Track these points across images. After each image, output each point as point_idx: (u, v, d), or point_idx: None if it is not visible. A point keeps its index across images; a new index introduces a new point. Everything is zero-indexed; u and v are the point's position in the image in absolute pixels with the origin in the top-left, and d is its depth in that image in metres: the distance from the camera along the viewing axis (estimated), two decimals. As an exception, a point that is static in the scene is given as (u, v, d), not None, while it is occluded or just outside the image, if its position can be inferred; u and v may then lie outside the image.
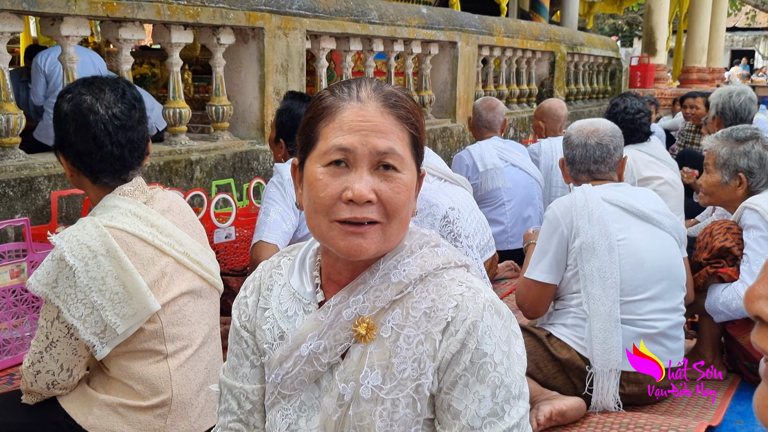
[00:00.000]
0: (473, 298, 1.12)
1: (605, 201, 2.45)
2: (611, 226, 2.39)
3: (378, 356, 1.12)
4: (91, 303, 1.65)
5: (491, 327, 1.10)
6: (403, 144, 1.12)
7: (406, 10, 5.78)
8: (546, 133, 4.73)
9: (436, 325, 1.11)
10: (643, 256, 2.39)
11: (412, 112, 1.15)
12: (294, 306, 1.22)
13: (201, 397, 1.84)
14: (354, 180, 1.08)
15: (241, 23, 4.21)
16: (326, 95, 1.16)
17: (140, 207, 1.79)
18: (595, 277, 2.36)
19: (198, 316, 1.85)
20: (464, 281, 1.15)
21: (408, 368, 1.11)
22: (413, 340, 1.11)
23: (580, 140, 2.60)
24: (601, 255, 2.36)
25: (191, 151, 4.06)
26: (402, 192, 1.11)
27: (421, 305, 1.12)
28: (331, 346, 1.15)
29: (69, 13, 3.32)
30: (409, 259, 1.16)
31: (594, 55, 9.56)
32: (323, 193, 1.09)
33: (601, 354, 2.33)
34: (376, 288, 1.14)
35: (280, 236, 2.64)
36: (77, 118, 1.72)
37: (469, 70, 6.60)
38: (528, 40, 7.65)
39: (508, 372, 1.10)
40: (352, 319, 1.14)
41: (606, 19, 27.18)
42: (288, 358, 1.17)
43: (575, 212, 2.43)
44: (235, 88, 4.54)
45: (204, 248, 1.94)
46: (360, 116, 1.10)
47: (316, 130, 1.14)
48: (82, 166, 1.77)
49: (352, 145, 1.09)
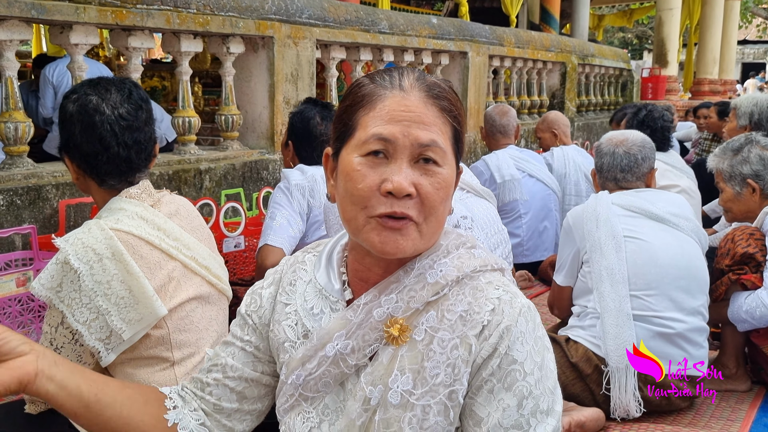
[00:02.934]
0: (510, 302, 1.07)
1: (616, 205, 2.50)
2: (618, 227, 2.44)
3: (410, 360, 1.06)
4: (96, 308, 1.59)
5: (524, 334, 1.05)
6: (446, 137, 1.07)
7: (416, 20, 5.76)
8: (560, 140, 4.67)
9: (471, 329, 1.05)
10: (657, 253, 2.40)
11: (455, 104, 1.10)
12: (320, 303, 1.16)
13: (208, 407, 1.78)
14: (393, 171, 1.03)
15: (251, 32, 4.19)
16: (366, 83, 1.10)
17: (147, 210, 1.74)
18: (603, 275, 2.39)
19: (206, 323, 1.80)
20: (501, 285, 1.10)
21: (441, 373, 1.04)
22: (448, 344, 1.05)
23: (608, 149, 2.65)
24: (608, 254, 2.40)
25: (200, 161, 4.03)
26: (442, 188, 1.05)
27: (457, 308, 1.07)
28: (360, 347, 1.09)
29: (78, 21, 3.31)
30: (446, 260, 1.10)
31: (605, 66, 9.51)
32: (361, 185, 1.04)
33: (615, 349, 2.31)
34: (411, 288, 1.08)
35: (286, 240, 2.59)
36: (83, 119, 1.68)
37: (479, 80, 6.56)
38: (539, 50, 7.61)
39: (538, 384, 1.04)
40: (383, 320, 1.08)
41: (615, 32, 27.20)
42: (312, 358, 1.11)
43: (585, 217, 2.50)
44: (245, 98, 4.51)
45: (212, 253, 1.89)
46: (402, 106, 1.05)
47: (354, 119, 1.08)
48: (88, 168, 1.73)
49: (393, 136, 1.03)
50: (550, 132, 4.73)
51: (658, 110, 3.92)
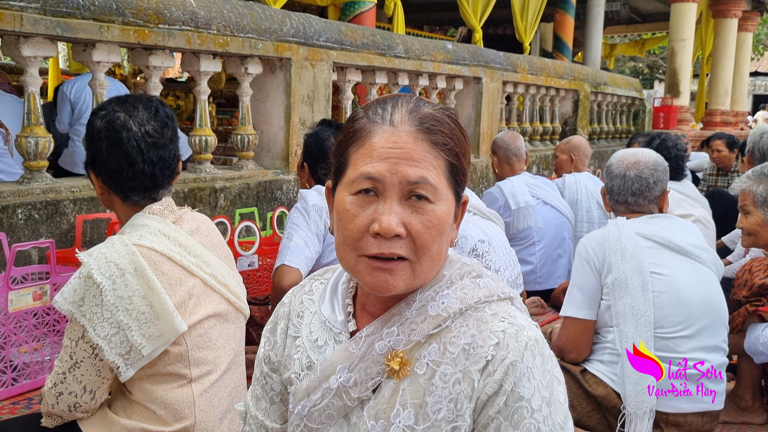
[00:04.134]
0: (515, 336, 1.04)
1: (639, 235, 2.38)
2: (645, 262, 2.32)
3: (411, 394, 1.05)
4: (117, 322, 1.60)
5: (531, 369, 1.02)
6: (438, 172, 1.04)
7: (431, 45, 5.81)
8: (575, 166, 4.67)
9: (474, 363, 1.03)
10: (683, 291, 2.30)
11: (451, 136, 1.06)
12: (324, 335, 1.15)
13: (224, 425, 1.77)
14: (382, 211, 1.01)
15: (269, 53, 4.24)
16: (360, 116, 1.09)
17: (169, 226, 1.76)
18: (627, 315, 2.28)
19: (224, 341, 1.80)
20: (507, 317, 1.07)
21: (443, 408, 1.03)
22: (450, 378, 1.03)
23: (619, 171, 2.53)
24: (634, 292, 2.28)
25: (216, 179, 4.05)
26: (434, 227, 1.03)
27: (460, 341, 1.05)
28: (362, 380, 1.07)
29: (101, 39, 3.36)
30: (449, 291, 1.08)
31: (617, 94, 9.54)
32: (350, 225, 1.03)
33: (634, 395, 2.23)
34: (412, 320, 1.07)
35: (303, 261, 2.60)
36: (110, 135, 1.70)
37: (493, 106, 6.59)
38: (552, 77, 7.65)
39: (546, 420, 1.01)
40: (385, 353, 1.07)
41: (626, 61, 27.30)
42: (316, 390, 1.11)
43: (608, 247, 2.36)
44: (261, 118, 4.55)
45: (231, 271, 1.90)
46: (390, 142, 1.02)
47: (346, 155, 1.07)
48: (113, 183, 1.75)
49: (380, 174, 1.01)
50: (568, 155, 4.73)
51: (672, 139, 3.92)
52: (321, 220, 2.71)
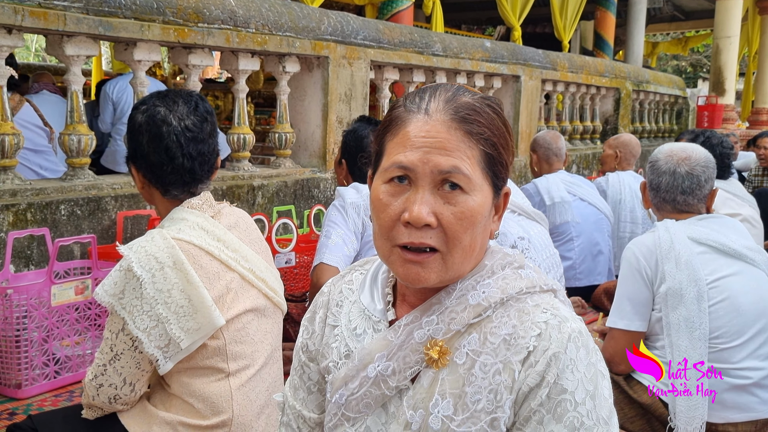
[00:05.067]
0: (558, 327, 1.01)
1: (692, 240, 2.25)
2: (700, 270, 2.19)
3: (450, 384, 1.03)
4: (156, 315, 1.61)
5: (575, 361, 0.99)
6: (472, 162, 1.01)
7: (470, 43, 5.76)
8: (619, 163, 4.58)
9: (515, 354, 1.00)
10: (739, 300, 2.19)
11: (489, 125, 1.03)
12: (363, 324, 1.14)
13: (261, 420, 1.77)
14: (413, 201, 1.00)
15: (307, 52, 4.25)
16: (399, 105, 1.08)
17: (208, 221, 1.76)
18: (681, 327, 2.16)
19: (261, 335, 1.79)
20: (549, 308, 1.04)
21: (483, 399, 1.00)
22: (490, 368, 1.01)
23: (668, 167, 2.38)
24: (689, 303, 2.16)
25: (254, 177, 4.08)
26: (465, 218, 1.00)
27: (501, 331, 1.02)
28: (401, 369, 1.06)
29: (142, 38, 3.40)
30: (490, 281, 1.06)
31: (660, 93, 9.35)
32: (383, 214, 1.03)
33: (685, 411, 2.12)
34: (452, 309, 1.05)
35: (341, 259, 2.59)
36: (151, 129, 1.71)
37: (531, 104, 6.51)
38: (592, 75, 7.53)
39: (590, 414, 0.98)
40: (424, 341, 1.05)
41: (669, 60, 26.78)
42: (354, 378, 1.09)
43: (660, 254, 2.23)
44: (299, 116, 4.57)
45: (269, 266, 1.89)
46: (423, 131, 1.01)
47: (382, 143, 1.07)
48: (153, 177, 1.76)
49: (412, 163, 1.00)
50: (614, 151, 4.64)
51: (717, 136, 3.81)
52: (359, 218, 2.70)
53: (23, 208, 3.02)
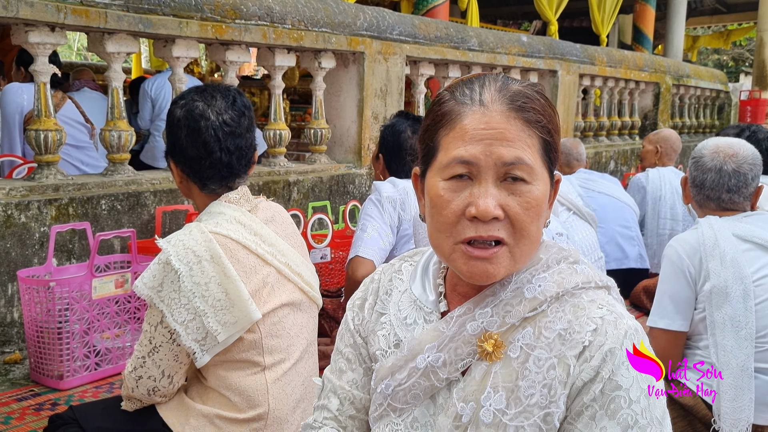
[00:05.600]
0: (614, 323, 0.99)
1: (738, 238, 2.19)
2: (746, 268, 2.14)
3: (503, 377, 1.01)
4: (194, 308, 1.62)
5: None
6: (533, 151, 1.00)
7: (506, 38, 5.70)
8: (659, 159, 4.50)
9: (571, 349, 0.99)
10: None
11: (543, 113, 1.02)
12: (414, 314, 1.14)
13: (297, 415, 1.77)
14: (478, 194, 0.98)
15: (343, 47, 4.25)
16: (446, 98, 1.05)
17: (245, 215, 1.77)
18: (727, 326, 2.11)
19: (297, 330, 1.80)
20: (605, 304, 1.02)
21: (537, 394, 0.99)
22: (544, 363, 0.99)
23: (714, 164, 2.30)
24: (735, 302, 2.11)
25: (289, 173, 4.10)
26: (532, 207, 0.99)
27: (556, 326, 1.00)
28: (452, 361, 1.05)
29: (180, 35, 3.44)
30: (546, 274, 1.04)
31: (701, 87, 9.15)
32: (445, 211, 1.00)
33: (731, 413, 2.07)
34: (507, 302, 1.03)
35: (377, 252, 2.59)
36: (189, 124, 1.73)
37: (569, 99, 6.42)
38: (631, 70, 7.40)
39: (644, 413, 0.97)
40: (477, 333, 1.03)
41: (710, 54, 26.19)
42: (402, 369, 1.08)
43: (704, 252, 2.17)
44: (334, 112, 4.57)
45: (305, 261, 1.90)
46: (483, 123, 0.99)
47: (436, 139, 1.04)
48: (191, 172, 1.77)
49: (474, 157, 0.98)
50: (654, 146, 4.57)
51: (764, 131, 3.71)
52: (395, 212, 2.69)
53: (65, 203, 3.08)
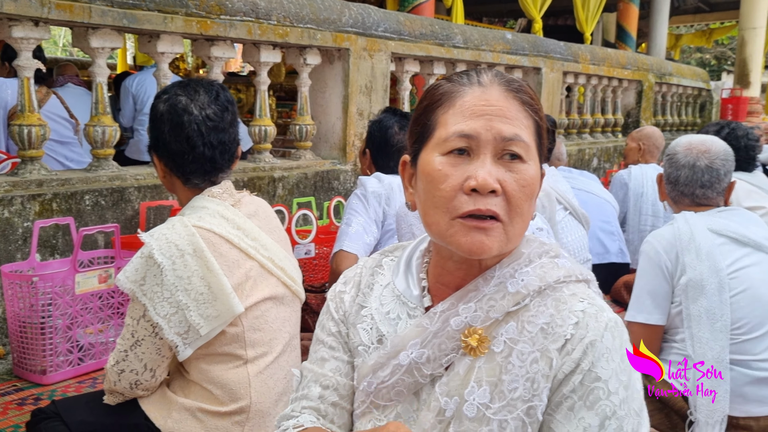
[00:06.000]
0: (595, 316, 1.01)
1: (712, 232, 2.24)
2: (721, 261, 2.19)
3: (487, 372, 1.02)
4: (176, 302, 1.63)
5: (610, 350, 0.99)
6: (529, 132, 1.03)
7: (490, 35, 5.74)
8: (642, 156, 4.54)
9: (553, 342, 1.00)
10: (759, 290, 2.17)
11: (534, 99, 1.07)
12: (397, 309, 1.13)
13: (279, 408, 1.79)
14: (477, 168, 0.99)
15: (328, 44, 4.26)
16: (443, 83, 1.08)
17: (228, 209, 1.78)
18: (702, 319, 2.15)
19: (279, 323, 1.81)
20: (586, 297, 1.04)
21: (520, 387, 1.00)
22: (527, 357, 1.01)
23: (687, 160, 2.36)
24: (711, 294, 2.15)
25: (274, 169, 4.10)
26: (527, 185, 1.01)
27: (539, 320, 1.02)
28: (435, 357, 1.05)
29: (165, 30, 3.43)
30: (528, 269, 1.06)
31: (683, 85, 9.24)
32: (444, 185, 1.01)
33: (707, 404, 2.11)
34: (490, 297, 1.04)
35: (361, 247, 2.60)
36: (172, 118, 1.73)
37: (553, 96, 6.47)
38: (614, 68, 7.46)
39: (623, 404, 0.98)
40: (460, 329, 1.04)
41: (692, 52, 26.41)
42: (384, 366, 1.08)
43: (681, 247, 2.22)
44: (319, 109, 4.58)
45: (288, 255, 1.91)
46: (483, 100, 1.02)
47: (433, 118, 1.06)
48: (174, 166, 1.78)
49: (475, 131, 1.00)
50: (637, 143, 4.61)
51: (743, 128, 3.76)
52: (380, 207, 2.71)
53: (49, 198, 3.07)
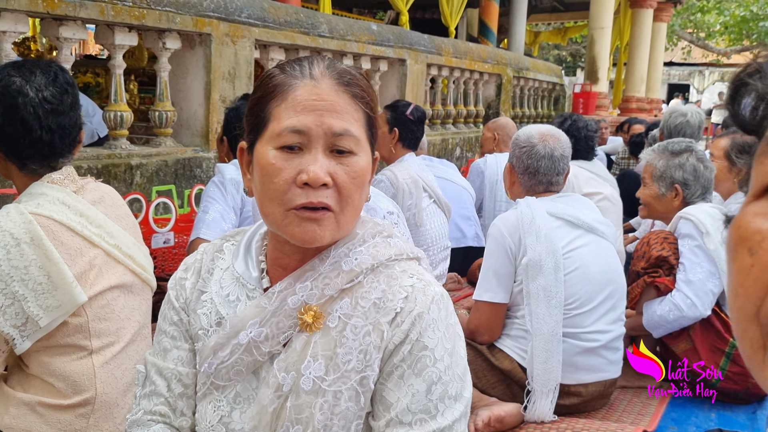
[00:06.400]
0: (423, 290, 1.08)
1: (551, 215, 2.41)
2: (557, 242, 2.36)
3: (323, 346, 1.07)
4: (12, 293, 1.56)
5: (436, 321, 1.07)
6: (359, 125, 1.07)
7: (356, 25, 5.81)
8: (497, 145, 4.77)
9: (384, 316, 1.06)
10: (589, 269, 2.37)
11: (366, 90, 1.10)
12: (237, 291, 1.16)
13: (128, 398, 1.75)
14: (309, 162, 1.03)
15: (188, 28, 4.15)
16: (276, 73, 1.09)
17: (69, 196, 1.71)
18: (540, 296, 2.31)
19: (128, 312, 1.78)
20: (415, 273, 1.11)
21: (353, 359, 1.05)
22: (360, 330, 1.06)
23: (546, 151, 2.50)
24: (547, 273, 2.32)
25: (132, 156, 3.95)
26: (357, 176, 1.06)
27: (371, 295, 1.08)
28: (274, 335, 1.09)
29: (7, 7, 3.21)
30: (362, 248, 1.11)
31: (539, 80, 9.79)
32: (277, 178, 1.03)
33: (542, 374, 2.29)
34: (326, 275, 1.09)
35: (219, 234, 2.56)
36: (5, 100, 1.64)
37: (417, 88, 6.66)
38: (476, 61, 7.78)
39: (447, 370, 1.06)
40: (297, 307, 1.08)
41: (551, 49, 27.99)
42: (224, 346, 1.11)
43: (523, 229, 2.37)
44: (180, 95, 4.46)
45: (137, 243, 1.87)
46: (314, 95, 1.04)
47: (266, 110, 1.07)
48: (9, 151, 1.69)
49: (306, 126, 1.03)
50: (492, 133, 4.83)
51: (583, 120, 4.07)
52: (238, 194, 2.70)
53: None
